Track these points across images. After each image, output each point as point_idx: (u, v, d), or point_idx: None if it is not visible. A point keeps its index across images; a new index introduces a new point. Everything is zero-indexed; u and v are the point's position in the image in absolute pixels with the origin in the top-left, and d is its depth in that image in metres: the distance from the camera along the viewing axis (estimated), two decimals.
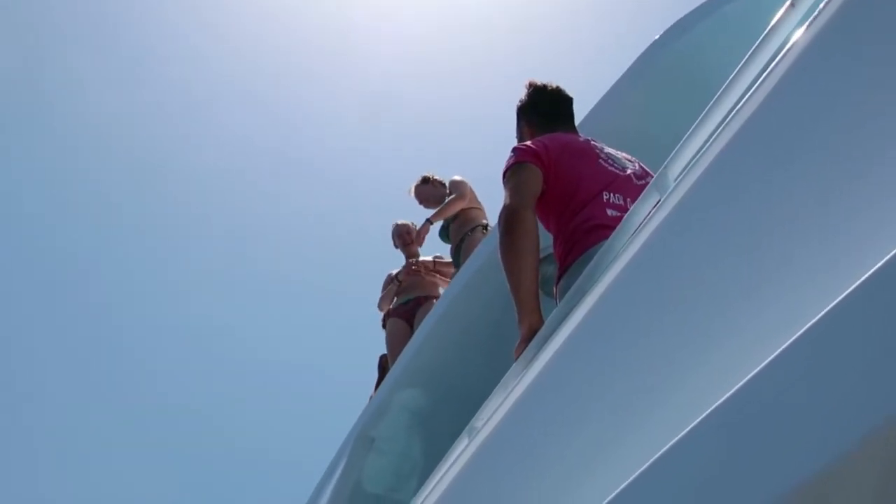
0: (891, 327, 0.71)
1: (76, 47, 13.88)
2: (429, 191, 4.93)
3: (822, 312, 0.79)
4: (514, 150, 2.30)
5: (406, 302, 4.96)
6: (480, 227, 4.58)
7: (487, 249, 3.08)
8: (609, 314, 1.44)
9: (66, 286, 15.41)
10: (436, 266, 5.13)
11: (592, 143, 2.40)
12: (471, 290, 3.21)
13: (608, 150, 2.40)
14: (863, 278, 0.75)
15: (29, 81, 13.34)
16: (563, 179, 2.22)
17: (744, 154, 1.18)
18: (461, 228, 4.63)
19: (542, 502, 1.47)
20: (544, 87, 2.61)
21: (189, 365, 16.24)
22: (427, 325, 3.52)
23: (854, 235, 0.92)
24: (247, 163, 15.81)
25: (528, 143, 2.33)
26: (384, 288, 5.22)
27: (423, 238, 4.88)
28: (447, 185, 4.93)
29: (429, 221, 4.85)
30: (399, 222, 5.25)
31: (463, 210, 4.68)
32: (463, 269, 3.39)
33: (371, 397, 4.34)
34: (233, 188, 16.04)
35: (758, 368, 0.86)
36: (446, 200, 4.77)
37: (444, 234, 4.87)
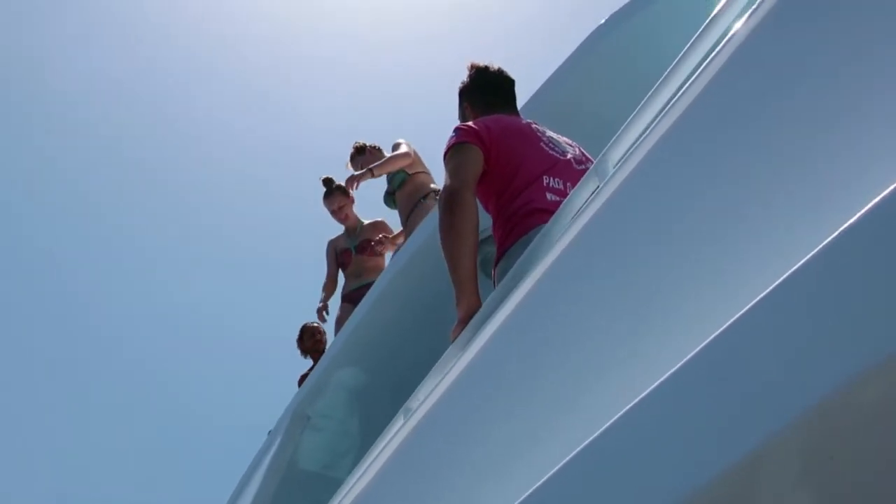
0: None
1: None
2: (368, 160, 4.51)
3: (753, 301, 0.80)
4: (456, 130, 2.29)
5: (358, 288, 4.70)
6: (432, 194, 4.26)
7: (428, 228, 3.06)
8: (546, 298, 1.44)
9: (42, 275, 15.12)
10: (394, 240, 4.78)
11: (534, 126, 2.40)
12: (411, 270, 3.20)
13: (549, 133, 2.41)
14: (774, 284, 0.76)
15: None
16: (504, 161, 2.22)
17: (683, 142, 1.19)
18: (413, 195, 4.30)
19: (475, 485, 1.47)
20: (486, 68, 2.60)
21: (160, 342, 16.11)
22: (366, 303, 3.49)
23: (798, 219, 0.94)
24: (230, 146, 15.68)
25: (470, 123, 2.32)
26: (329, 260, 4.97)
27: (358, 184, 4.25)
28: (383, 151, 4.58)
29: (370, 171, 4.23)
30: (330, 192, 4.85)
31: (412, 176, 4.34)
32: (403, 248, 3.38)
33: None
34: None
35: (692, 354, 0.87)
36: (391, 155, 4.38)
37: (391, 201, 4.49)
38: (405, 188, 4.34)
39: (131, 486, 13.80)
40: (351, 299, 4.67)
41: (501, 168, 2.22)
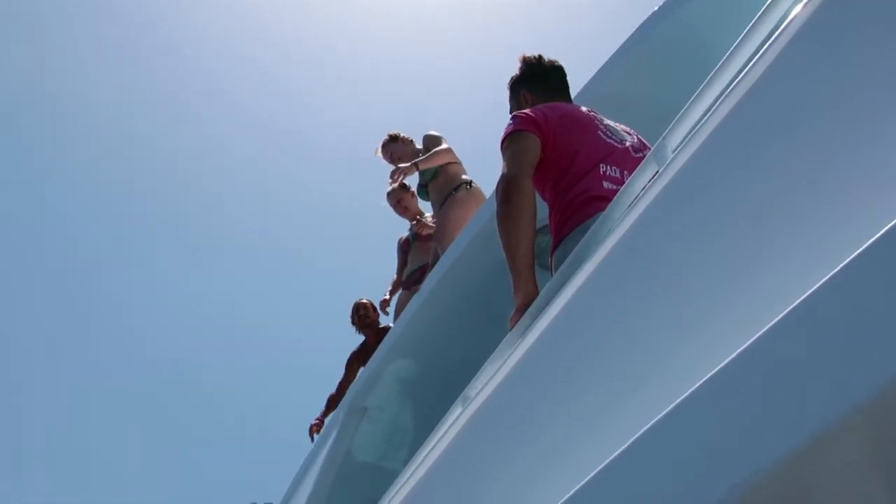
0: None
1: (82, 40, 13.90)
2: (400, 149, 4.56)
3: (821, 282, 0.80)
4: (514, 117, 2.29)
5: (412, 273, 4.78)
6: (464, 185, 4.31)
7: (483, 218, 3.07)
8: (605, 285, 1.44)
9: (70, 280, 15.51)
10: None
11: (592, 113, 2.39)
12: (465, 260, 3.21)
13: (607, 121, 2.40)
14: (859, 250, 0.76)
15: (38, 77, 13.35)
16: (561, 149, 2.22)
17: (743, 126, 1.18)
18: (445, 187, 4.33)
19: (534, 471, 1.49)
20: (540, 57, 2.60)
21: (185, 338, 16.41)
22: (421, 294, 3.52)
23: (855, 203, 0.93)
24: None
25: (527, 111, 2.32)
26: (398, 256, 5.03)
27: (401, 177, 4.34)
28: (414, 143, 4.62)
29: (415, 165, 4.29)
30: (391, 188, 4.86)
31: (444, 167, 4.37)
32: (458, 238, 3.39)
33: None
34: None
35: (754, 337, 0.87)
36: (434, 150, 4.40)
37: (424, 192, 4.55)
38: (437, 179, 4.37)
39: (143, 482, 14.09)
40: (406, 286, 4.74)
41: (559, 156, 2.21)
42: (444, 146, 4.42)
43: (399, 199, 4.91)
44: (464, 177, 4.36)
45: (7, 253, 15.03)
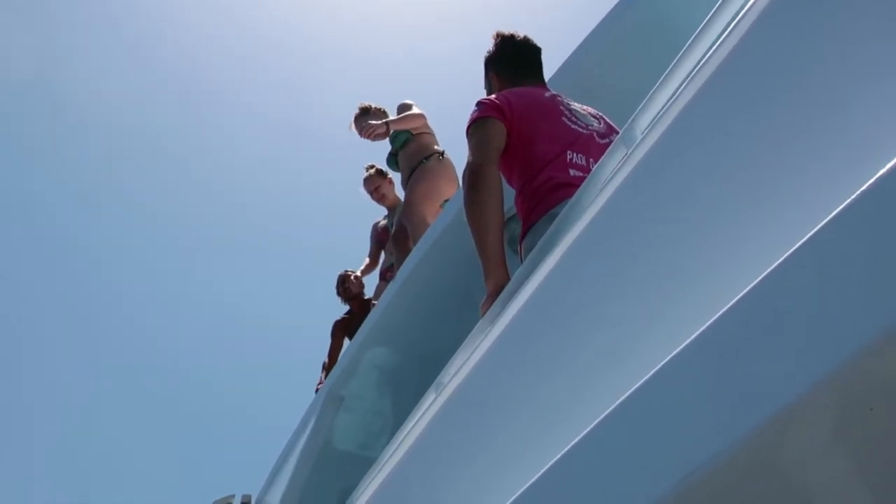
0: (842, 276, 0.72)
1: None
2: (373, 120, 4.34)
3: (777, 263, 0.79)
4: (478, 104, 2.28)
5: (391, 265, 4.64)
6: (436, 155, 4.17)
7: (455, 206, 3.07)
8: (575, 270, 1.44)
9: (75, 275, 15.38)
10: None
11: (558, 98, 2.38)
12: (440, 248, 3.20)
13: (574, 105, 2.38)
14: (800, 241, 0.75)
15: (43, 76, 13.21)
16: (526, 136, 2.21)
17: (712, 105, 1.17)
18: (415, 155, 4.19)
19: (506, 456, 1.48)
20: (512, 36, 2.57)
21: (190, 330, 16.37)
22: (396, 283, 3.51)
23: (824, 177, 0.93)
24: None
25: (493, 97, 2.31)
26: (371, 241, 4.98)
27: (372, 135, 4.13)
28: (388, 114, 4.47)
29: (387, 124, 4.13)
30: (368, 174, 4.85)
31: (416, 136, 4.23)
32: (432, 227, 3.38)
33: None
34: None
35: (722, 311, 0.86)
36: (407, 113, 4.28)
37: (393, 162, 4.41)
38: (408, 148, 4.23)
39: (145, 480, 14.08)
40: (384, 277, 4.68)
41: (523, 143, 2.20)
42: (416, 111, 4.31)
43: (376, 186, 4.83)
44: (436, 147, 4.24)
45: (8, 248, 14.89)
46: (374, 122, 4.19)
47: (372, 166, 4.90)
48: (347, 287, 5.08)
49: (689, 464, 0.82)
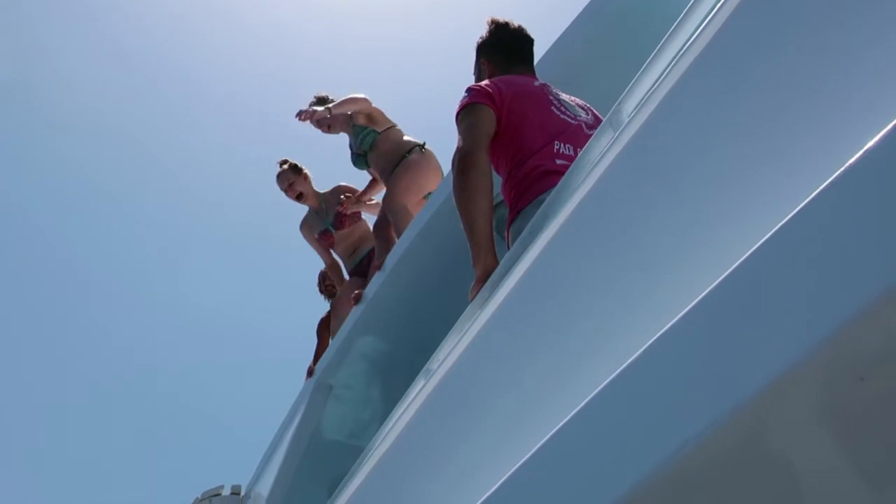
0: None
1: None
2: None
3: (764, 239, 0.79)
4: (468, 90, 2.28)
5: (360, 262, 4.51)
6: (417, 148, 4.02)
7: (442, 194, 3.06)
8: (565, 252, 1.44)
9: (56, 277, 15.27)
10: (361, 197, 4.51)
11: (546, 88, 2.38)
12: (427, 236, 3.20)
13: (563, 96, 2.39)
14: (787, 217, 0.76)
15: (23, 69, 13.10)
16: (515, 124, 2.21)
17: (699, 86, 1.18)
18: (392, 153, 4.02)
19: (497, 440, 1.49)
20: (507, 24, 2.57)
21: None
22: (384, 270, 3.50)
23: (810, 154, 0.93)
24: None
25: (483, 83, 2.31)
26: (316, 248, 4.65)
27: (308, 119, 4.06)
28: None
29: (327, 109, 4.02)
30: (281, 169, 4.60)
31: (384, 133, 4.08)
32: (419, 214, 3.37)
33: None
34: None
35: (712, 287, 0.86)
36: (348, 97, 4.11)
37: (363, 162, 4.20)
38: (380, 147, 4.08)
39: (134, 484, 14.05)
40: (357, 273, 4.50)
41: (512, 131, 2.21)
42: (359, 95, 4.14)
43: (291, 183, 4.55)
44: (411, 139, 4.10)
45: None
46: (314, 109, 4.10)
47: (285, 161, 4.64)
48: (329, 284, 4.93)
49: (681, 438, 0.83)
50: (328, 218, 4.60)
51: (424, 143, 4.11)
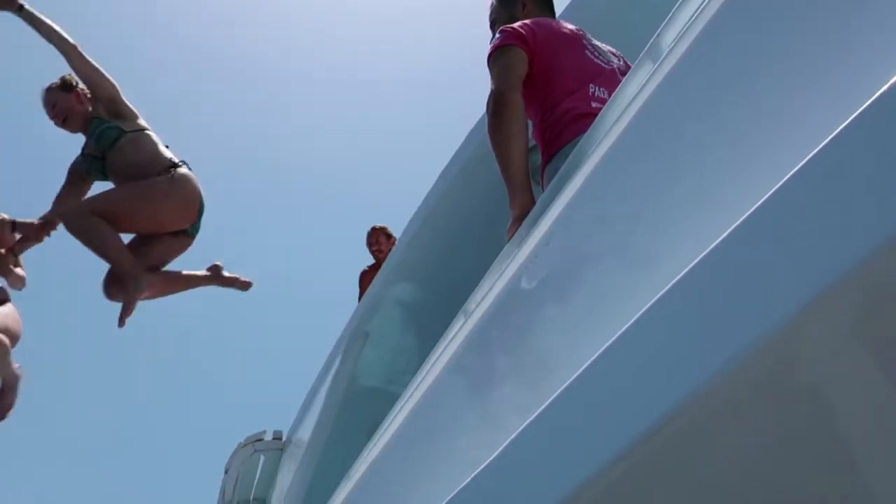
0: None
1: None
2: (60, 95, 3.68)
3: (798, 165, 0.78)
4: (500, 31, 2.26)
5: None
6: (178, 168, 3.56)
7: (475, 140, 3.04)
8: (603, 186, 1.43)
9: None
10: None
11: (580, 32, 2.35)
12: (462, 180, 3.19)
13: (595, 41, 2.35)
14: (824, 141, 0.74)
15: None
16: (548, 66, 2.19)
17: (742, 13, 1.15)
18: (148, 167, 3.52)
19: (538, 377, 1.50)
20: None
21: None
22: (419, 216, 3.51)
23: (852, 83, 0.91)
24: None
25: (515, 25, 2.28)
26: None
27: None
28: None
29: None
30: None
31: (130, 131, 3.51)
32: (453, 158, 3.36)
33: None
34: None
35: (747, 214, 0.86)
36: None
37: (98, 169, 3.71)
38: (124, 149, 3.48)
39: (183, 426, 14.37)
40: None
41: (545, 72, 2.19)
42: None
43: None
44: (168, 153, 3.58)
45: None
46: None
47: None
48: (380, 245, 5.17)
49: (710, 367, 0.83)
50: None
51: (185, 162, 3.78)
